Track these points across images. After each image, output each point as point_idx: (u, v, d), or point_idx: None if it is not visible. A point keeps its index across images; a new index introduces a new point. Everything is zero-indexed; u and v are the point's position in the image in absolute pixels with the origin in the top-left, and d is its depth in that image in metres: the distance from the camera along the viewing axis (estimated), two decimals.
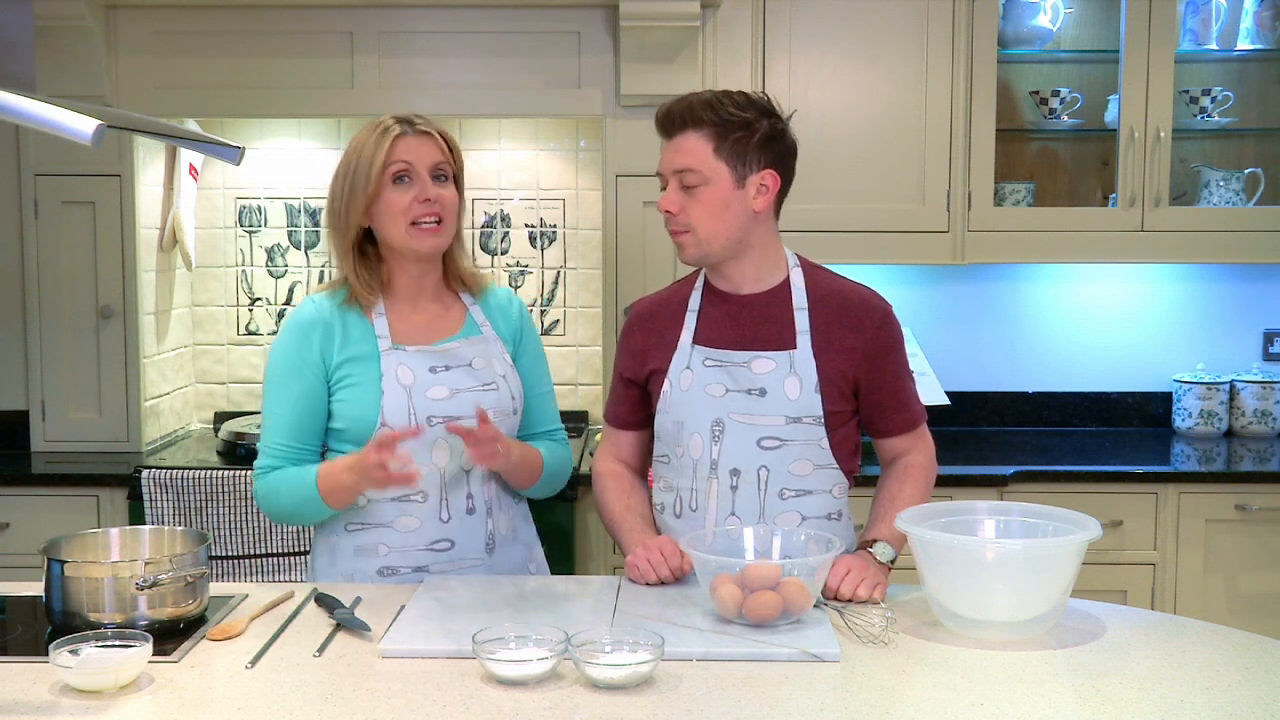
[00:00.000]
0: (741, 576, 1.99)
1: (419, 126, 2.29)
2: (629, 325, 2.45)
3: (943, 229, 3.67)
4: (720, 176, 2.22)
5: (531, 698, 1.74)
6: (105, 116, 1.81)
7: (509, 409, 2.35)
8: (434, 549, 2.32)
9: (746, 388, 2.27)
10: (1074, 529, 2.03)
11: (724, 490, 2.29)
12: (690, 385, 2.31)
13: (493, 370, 2.35)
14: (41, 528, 3.28)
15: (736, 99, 2.24)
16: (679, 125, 2.23)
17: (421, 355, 2.31)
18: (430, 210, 2.27)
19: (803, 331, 2.28)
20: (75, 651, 1.80)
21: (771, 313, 2.30)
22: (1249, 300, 4.05)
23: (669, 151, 2.25)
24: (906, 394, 2.35)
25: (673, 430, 2.33)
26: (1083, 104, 3.83)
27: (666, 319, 2.38)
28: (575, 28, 3.58)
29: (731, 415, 2.28)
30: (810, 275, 2.34)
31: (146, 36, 3.59)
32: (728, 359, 2.29)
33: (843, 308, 2.30)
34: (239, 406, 4.03)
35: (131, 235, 3.63)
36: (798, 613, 1.99)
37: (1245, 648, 1.96)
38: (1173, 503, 3.46)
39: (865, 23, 3.63)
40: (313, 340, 2.30)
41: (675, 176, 2.24)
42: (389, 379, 2.28)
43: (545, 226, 3.98)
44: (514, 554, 2.42)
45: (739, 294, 2.32)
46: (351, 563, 2.34)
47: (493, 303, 2.43)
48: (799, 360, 2.26)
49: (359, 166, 2.27)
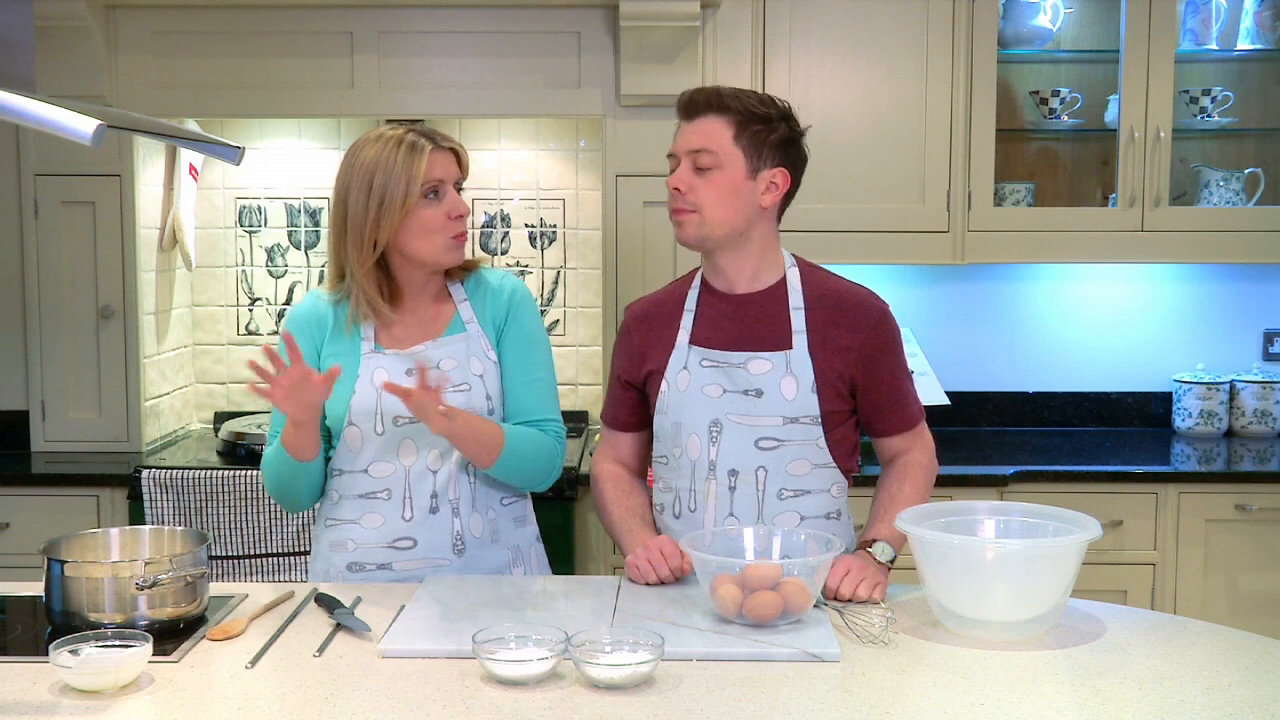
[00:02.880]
0: (741, 576, 1.99)
1: (442, 141, 2.29)
2: (625, 327, 2.45)
3: (943, 229, 3.67)
4: (735, 163, 2.24)
5: (531, 698, 1.74)
6: (105, 116, 1.81)
7: (482, 409, 2.33)
8: (396, 547, 2.33)
9: (743, 388, 2.27)
10: (1074, 529, 2.03)
11: (722, 491, 2.29)
12: (687, 386, 2.31)
13: (466, 370, 2.33)
14: (41, 528, 3.28)
15: (761, 96, 2.29)
16: (702, 109, 2.27)
17: (399, 358, 2.32)
18: (462, 225, 2.30)
19: (799, 331, 2.28)
20: (75, 651, 1.80)
21: (768, 312, 2.30)
22: (1249, 300, 4.05)
23: (687, 132, 2.27)
24: (904, 393, 2.35)
25: (671, 431, 2.34)
26: (1083, 104, 3.84)
27: (663, 319, 2.38)
28: (575, 28, 3.58)
29: (729, 416, 2.28)
30: (807, 275, 2.34)
31: (146, 36, 3.59)
32: (724, 360, 2.29)
33: (839, 307, 2.30)
34: (239, 406, 4.03)
35: (131, 235, 3.63)
36: (798, 613, 1.99)
37: (1245, 648, 1.96)
38: (1173, 503, 3.46)
39: (865, 23, 3.63)
40: (310, 330, 2.35)
41: (690, 157, 2.25)
42: (364, 379, 2.30)
43: (545, 226, 3.98)
44: (491, 557, 2.38)
45: (735, 293, 2.33)
46: (328, 558, 2.38)
47: (484, 291, 2.40)
48: (795, 360, 2.27)
49: (390, 187, 2.23)
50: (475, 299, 2.40)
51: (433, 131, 2.31)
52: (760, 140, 2.25)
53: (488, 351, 2.37)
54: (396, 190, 2.23)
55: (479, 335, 2.37)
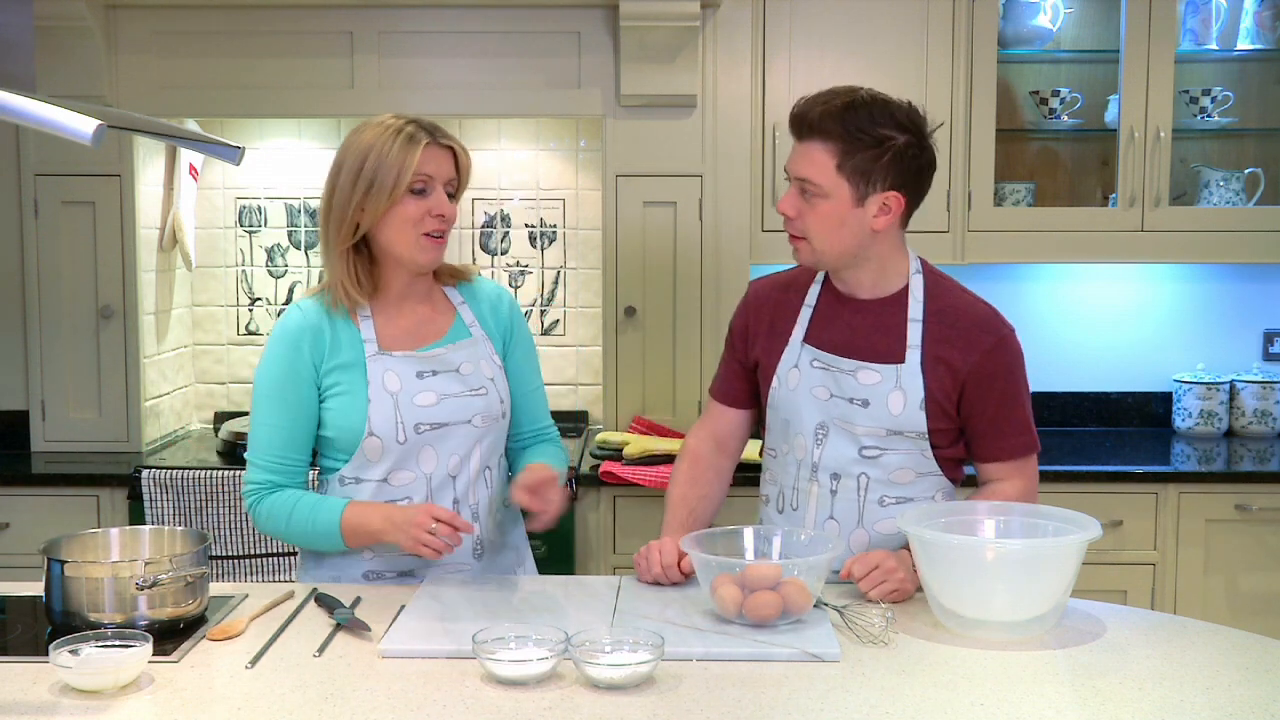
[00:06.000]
0: (741, 576, 1.99)
1: (440, 139, 2.25)
2: (744, 304, 2.42)
3: (943, 229, 3.67)
4: (840, 193, 2.16)
5: (531, 698, 1.74)
6: (105, 116, 1.81)
7: (497, 413, 2.33)
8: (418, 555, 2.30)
9: (850, 396, 2.24)
10: (1074, 529, 2.03)
11: (824, 493, 2.27)
12: (797, 385, 2.28)
13: (481, 374, 2.32)
14: (41, 528, 3.28)
15: (876, 112, 2.17)
16: (808, 132, 2.17)
17: (408, 360, 2.28)
18: (440, 225, 2.25)
19: (914, 346, 2.22)
20: (75, 651, 1.80)
21: (885, 322, 2.25)
22: (1249, 300, 4.05)
23: (796, 155, 2.19)
24: (1009, 423, 2.25)
25: (780, 428, 2.32)
26: (1083, 104, 3.83)
27: (783, 306, 2.34)
28: (575, 28, 3.58)
29: (835, 420, 2.25)
30: (931, 286, 2.28)
31: (146, 36, 3.59)
32: (834, 364, 2.25)
33: (956, 325, 2.24)
34: (239, 406, 4.03)
35: (131, 235, 3.63)
36: (798, 613, 1.99)
37: (1245, 648, 1.96)
38: (1173, 503, 3.46)
39: (865, 23, 3.63)
40: (303, 348, 2.26)
41: (797, 183, 2.19)
42: (375, 386, 2.25)
43: (545, 226, 3.98)
44: (503, 560, 2.39)
45: (856, 298, 2.28)
46: (338, 566, 2.32)
47: (482, 299, 2.39)
48: (906, 375, 2.21)
49: (380, 172, 2.20)
50: (473, 304, 2.38)
51: (435, 127, 2.27)
52: (869, 165, 2.14)
53: (494, 357, 2.36)
54: (386, 177, 2.20)
55: (484, 340, 2.36)
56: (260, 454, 2.27)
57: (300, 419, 2.26)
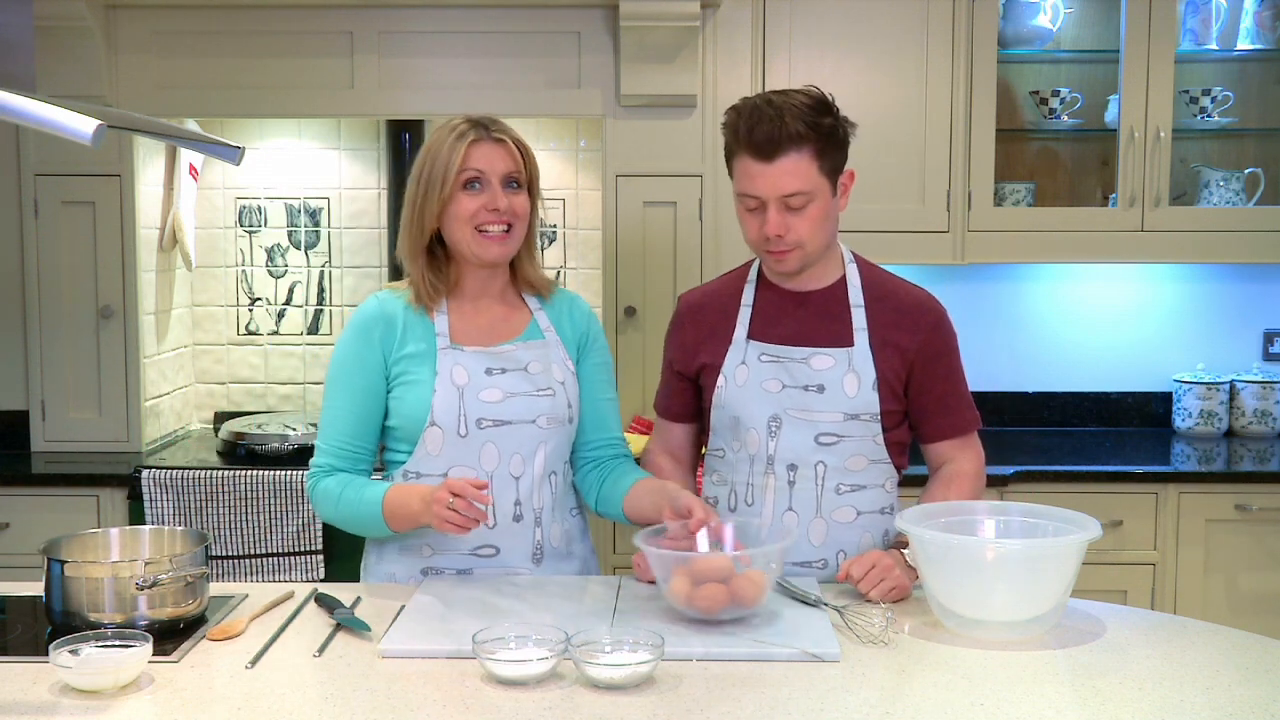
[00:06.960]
0: (690, 569, 2.00)
1: (494, 133, 2.26)
2: (678, 317, 2.44)
3: (943, 229, 3.67)
4: (823, 190, 2.22)
5: (531, 698, 1.75)
6: (105, 116, 1.81)
7: (564, 417, 2.31)
8: (478, 554, 2.29)
9: (804, 384, 2.27)
10: (1074, 529, 2.03)
11: (781, 485, 2.29)
12: (746, 380, 2.30)
13: (550, 376, 2.31)
14: (41, 528, 3.27)
15: (814, 102, 2.21)
16: (781, 148, 2.17)
17: (478, 356, 2.28)
18: (498, 219, 2.25)
19: (860, 329, 2.28)
20: (75, 651, 1.80)
21: (829, 309, 2.30)
22: (1249, 300, 4.05)
23: (772, 176, 2.18)
24: (955, 399, 2.34)
25: (729, 425, 2.33)
26: (1083, 104, 3.83)
27: (717, 312, 2.37)
28: (575, 28, 3.58)
29: (788, 411, 2.27)
30: (866, 272, 2.35)
31: (146, 36, 3.58)
32: (785, 355, 2.29)
33: (898, 308, 2.30)
34: (239, 406, 4.03)
35: (131, 235, 3.63)
36: (749, 605, 1.99)
37: (1245, 648, 1.96)
38: (1173, 503, 3.46)
39: (865, 23, 3.63)
40: (374, 337, 2.28)
41: (779, 201, 2.19)
42: (442, 377, 2.25)
43: (545, 226, 3.97)
44: (565, 569, 2.36)
45: (799, 291, 2.32)
46: (396, 561, 2.32)
47: (561, 306, 2.39)
48: (857, 357, 2.27)
49: (433, 170, 2.25)
50: (550, 310, 2.38)
51: (491, 122, 2.28)
52: (837, 154, 2.23)
53: (567, 361, 2.35)
54: (437, 175, 2.24)
55: (558, 344, 2.35)
56: (325, 438, 2.30)
57: (366, 406, 2.28)
